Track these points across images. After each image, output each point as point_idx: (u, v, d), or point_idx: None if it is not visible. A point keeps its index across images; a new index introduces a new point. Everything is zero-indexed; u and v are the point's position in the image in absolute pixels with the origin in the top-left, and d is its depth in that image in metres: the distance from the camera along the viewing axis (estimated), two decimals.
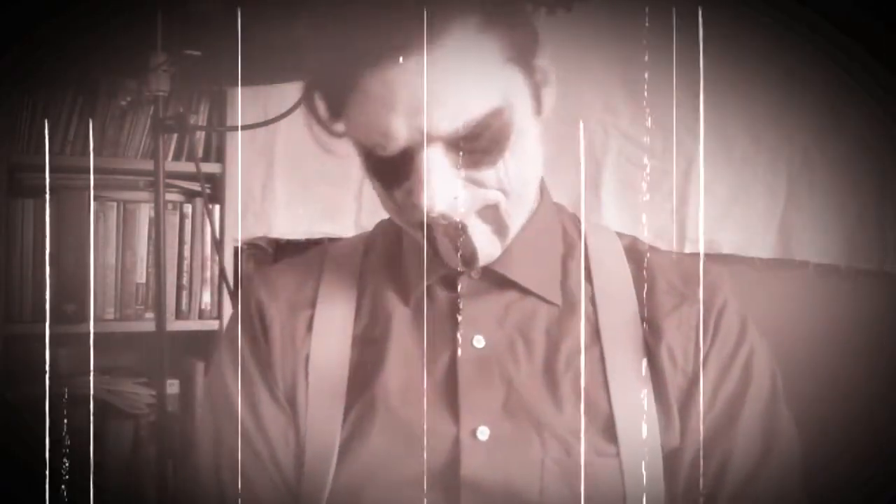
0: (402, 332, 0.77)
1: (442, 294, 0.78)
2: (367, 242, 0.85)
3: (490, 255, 0.73)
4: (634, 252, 0.82)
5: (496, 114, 0.67)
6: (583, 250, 0.81)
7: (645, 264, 0.80)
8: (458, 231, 0.70)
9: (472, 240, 0.71)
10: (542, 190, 0.81)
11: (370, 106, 0.65)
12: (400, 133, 0.65)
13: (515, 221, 0.73)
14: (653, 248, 0.82)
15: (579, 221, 0.84)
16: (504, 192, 0.70)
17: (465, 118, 0.65)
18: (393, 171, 0.69)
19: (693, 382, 0.75)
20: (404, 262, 0.80)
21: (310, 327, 0.79)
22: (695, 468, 0.75)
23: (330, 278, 0.82)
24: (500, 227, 0.72)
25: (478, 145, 0.67)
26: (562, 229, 0.82)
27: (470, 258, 0.72)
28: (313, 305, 0.80)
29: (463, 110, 0.65)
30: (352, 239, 0.88)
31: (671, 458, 0.75)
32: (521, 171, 0.71)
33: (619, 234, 0.84)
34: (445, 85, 0.64)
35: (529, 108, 0.71)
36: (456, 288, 0.77)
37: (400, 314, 0.78)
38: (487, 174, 0.68)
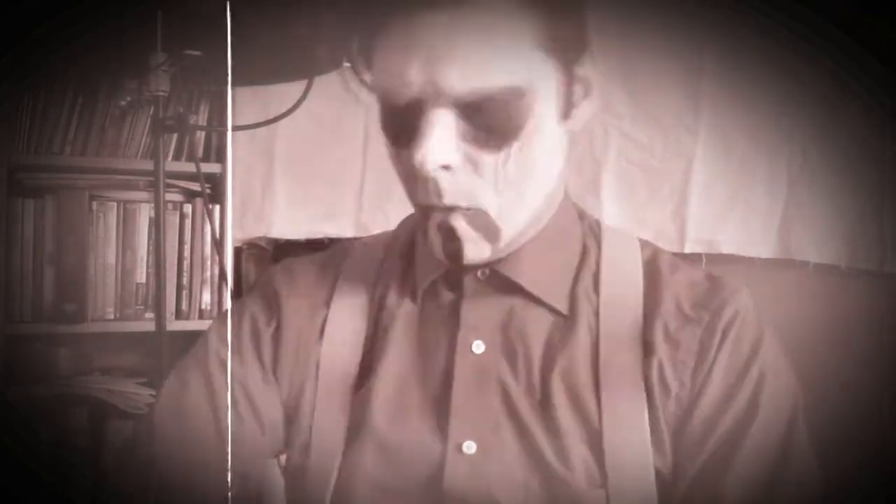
0: (407, 330, 0.75)
1: (445, 293, 0.76)
2: (388, 241, 0.83)
3: (476, 258, 0.70)
4: (652, 265, 0.77)
5: (515, 93, 0.64)
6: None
7: (659, 281, 0.75)
8: (446, 227, 0.68)
9: (459, 241, 0.69)
10: (564, 194, 0.78)
11: (392, 50, 0.65)
12: (414, 79, 0.64)
13: (510, 225, 0.70)
14: (674, 264, 0.77)
15: (600, 227, 0.80)
16: (498, 191, 0.67)
17: (479, 83, 0.63)
18: (403, 126, 0.67)
19: (687, 411, 0.71)
20: (416, 257, 0.79)
21: (323, 329, 0.77)
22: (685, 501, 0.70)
23: (347, 277, 0.80)
24: (490, 234, 0.69)
25: (487, 120, 0.65)
26: (581, 235, 0.78)
27: (455, 256, 0.70)
28: (328, 305, 0.78)
29: (480, 74, 0.63)
30: (375, 237, 0.86)
31: (659, 484, 0.70)
32: (525, 173, 0.68)
33: (643, 243, 0.79)
34: (468, 42, 0.63)
35: (555, 108, 0.69)
36: (461, 287, 0.75)
37: (406, 311, 0.76)
38: (487, 160, 0.66)
